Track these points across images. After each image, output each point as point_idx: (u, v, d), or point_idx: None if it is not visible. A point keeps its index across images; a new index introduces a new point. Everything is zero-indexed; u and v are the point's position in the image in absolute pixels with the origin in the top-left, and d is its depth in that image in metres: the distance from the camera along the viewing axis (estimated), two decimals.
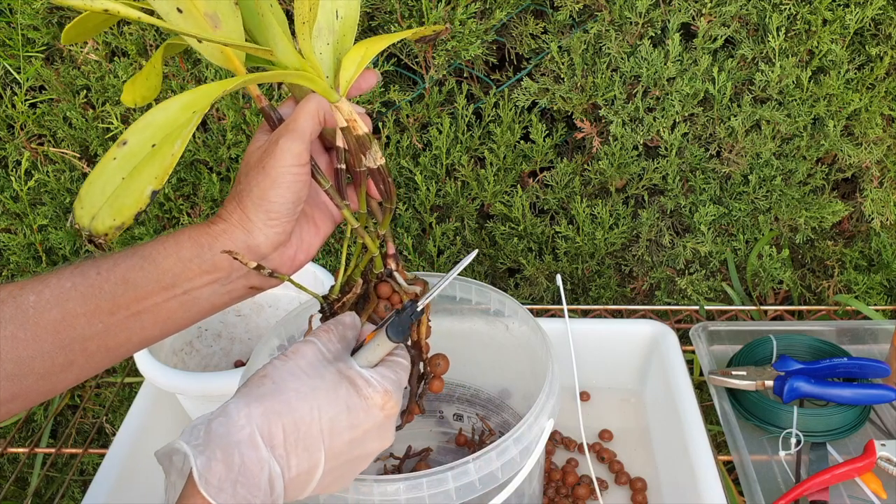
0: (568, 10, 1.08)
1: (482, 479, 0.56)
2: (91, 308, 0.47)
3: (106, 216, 0.43)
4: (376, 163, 0.53)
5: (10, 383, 0.46)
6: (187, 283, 0.50)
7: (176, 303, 0.50)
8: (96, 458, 1.23)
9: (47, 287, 0.47)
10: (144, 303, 0.49)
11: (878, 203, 1.15)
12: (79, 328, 0.47)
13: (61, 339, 0.47)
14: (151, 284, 0.48)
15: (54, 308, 0.46)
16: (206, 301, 0.51)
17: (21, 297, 0.46)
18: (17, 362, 0.46)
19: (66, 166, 1.21)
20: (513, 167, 1.19)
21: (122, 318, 0.48)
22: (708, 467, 0.76)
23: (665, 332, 0.95)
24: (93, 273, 0.48)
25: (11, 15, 1.11)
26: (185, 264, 0.49)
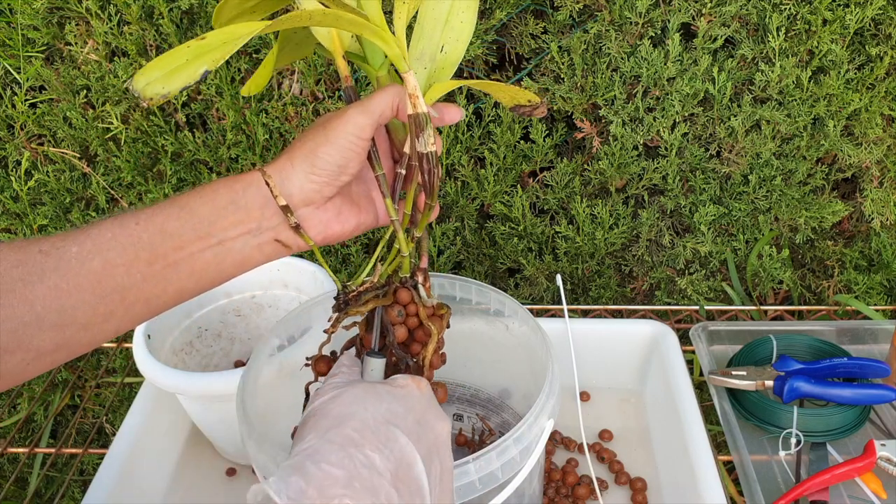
0: (568, 10, 1.08)
1: (482, 479, 0.56)
2: (130, 258, 0.48)
3: (157, 84, 0.47)
4: (427, 148, 0.53)
5: (53, 333, 0.47)
6: (221, 232, 0.51)
7: (210, 253, 0.51)
8: (96, 458, 1.24)
9: (88, 238, 0.48)
10: (181, 252, 0.50)
11: (878, 203, 1.15)
12: (118, 278, 0.48)
13: (102, 289, 0.48)
14: (188, 233, 0.50)
15: (95, 258, 0.47)
16: (238, 253, 0.52)
17: (63, 247, 0.47)
18: (60, 312, 0.47)
19: (66, 166, 1.21)
20: (513, 167, 1.19)
21: (159, 269, 0.49)
22: (708, 467, 0.76)
23: (665, 332, 0.95)
24: (132, 223, 0.49)
25: (11, 15, 1.11)
26: (220, 211, 0.50)
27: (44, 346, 0.47)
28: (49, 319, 0.46)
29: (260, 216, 0.51)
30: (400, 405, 0.48)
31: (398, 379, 0.51)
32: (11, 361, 0.46)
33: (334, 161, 0.51)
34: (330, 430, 0.45)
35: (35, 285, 0.46)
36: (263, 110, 1.15)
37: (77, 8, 1.09)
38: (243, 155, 1.18)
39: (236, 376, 0.69)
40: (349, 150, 0.51)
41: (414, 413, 0.49)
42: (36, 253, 0.47)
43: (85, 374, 1.31)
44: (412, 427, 0.48)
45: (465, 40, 0.58)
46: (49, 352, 0.47)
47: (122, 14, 1.10)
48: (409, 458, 0.46)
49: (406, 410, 0.48)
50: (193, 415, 0.86)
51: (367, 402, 0.47)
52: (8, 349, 0.45)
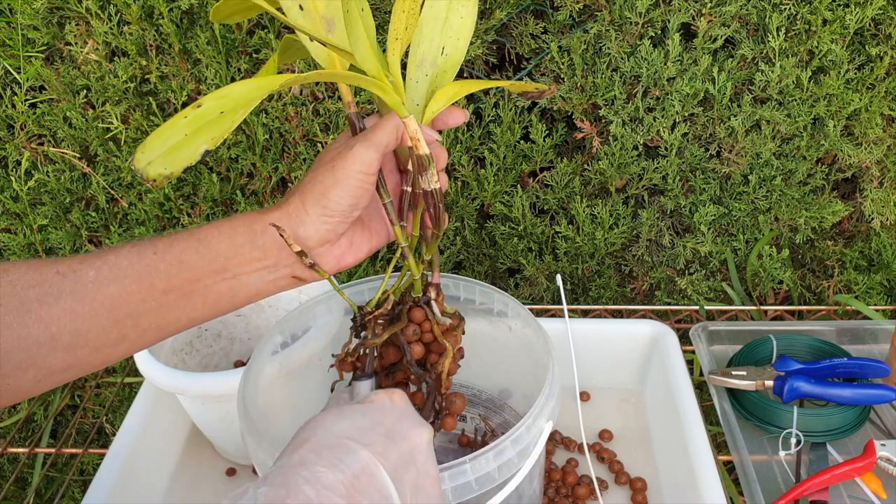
0: (568, 10, 1.08)
1: (478, 480, 0.56)
2: (146, 286, 0.49)
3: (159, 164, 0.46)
4: (430, 186, 0.55)
5: (65, 354, 0.48)
6: (237, 267, 0.52)
7: (225, 286, 0.52)
8: (96, 458, 1.24)
9: (106, 263, 0.49)
10: (196, 284, 0.51)
11: (878, 203, 1.15)
12: (133, 305, 0.49)
13: (116, 315, 0.49)
14: (204, 266, 0.51)
15: (112, 284, 0.49)
16: (253, 287, 0.53)
17: (81, 271, 0.48)
18: (74, 334, 0.48)
19: (66, 166, 1.21)
20: (513, 167, 1.19)
21: (174, 298, 0.50)
22: (708, 467, 0.76)
23: (665, 332, 0.95)
24: (149, 252, 0.50)
25: (11, 15, 1.11)
26: (238, 249, 0.52)
27: (55, 365, 0.48)
28: (63, 340, 0.47)
29: (277, 255, 0.53)
30: (366, 419, 0.49)
31: (371, 395, 0.52)
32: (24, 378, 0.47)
33: (346, 202, 0.52)
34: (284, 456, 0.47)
35: (51, 306, 0.47)
36: (263, 110, 1.15)
37: (77, 8, 1.09)
38: (243, 155, 1.18)
39: (236, 376, 0.69)
40: (359, 189, 0.52)
41: (383, 425, 0.49)
42: (53, 274, 0.48)
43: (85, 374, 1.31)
44: (378, 439, 0.48)
45: (466, 38, 0.57)
46: (59, 371, 0.48)
47: (122, 14, 1.10)
48: (370, 469, 0.46)
49: (373, 424, 0.49)
50: (193, 415, 0.86)
51: (328, 423, 0.49)
52: (22, 367, 0.47)
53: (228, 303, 0.53)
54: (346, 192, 0.52)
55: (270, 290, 0.54)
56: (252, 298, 0.54)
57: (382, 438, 0.48)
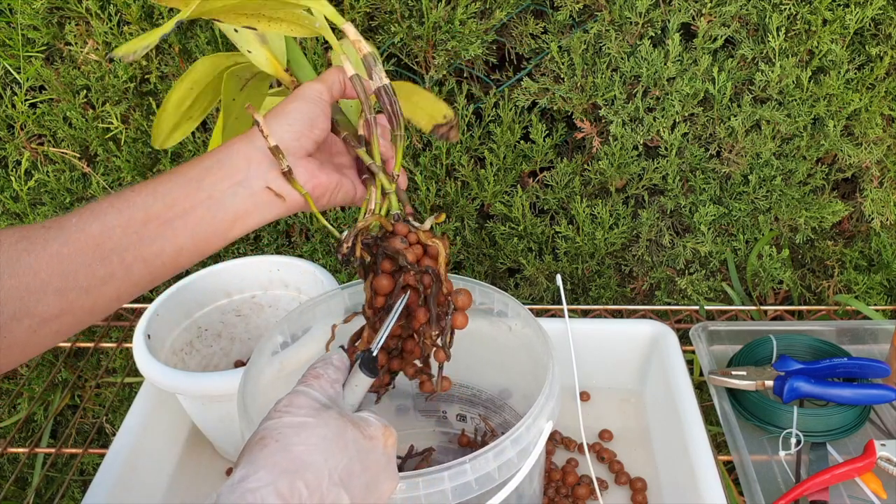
0: (568, 10, 1.08)
1: (479, 480, 0.56)
2: (125, 219, 0.51)
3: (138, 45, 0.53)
4: (382, 81, 0.58)
5: (57, 298, 0.49)
6: (210, 187, 0.54)
7: (203, 208, 0.53)
8: (96, 458, 1.24)
9: (87, 208, 0.52)
10: (173, 210, 0.53)
11: (878, 203, 1.15)
12: (115, 239, 0.51)
13: (100, 251, 0.50)
14: (178, 191, 0.53)
15: (93, 223, 0.51)
16: (231, 205, 0.54)
17: (64, 220, 0.51)
18: (63, 276, 0.49)
19: (66, 166, 1.21)
20: (513, 167, 1.19)
21: (154, 227, 0.52)
22: (708, 467, 0.76)
23: (665, 332, 0.95)
24: (127, 192, 0.53)
25: (11, 15, 1.11)
26: (207, 171, 0.54)
27: (48, 311, 0.49)
28: (53, 285, 0.49)
29: (246, 167, 0.55)
30: (359, 463, 0.47)
31: (371, 425, 0.50)
32: (19, 329, 0.48)
33: (305, 113, 0.56)
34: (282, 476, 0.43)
35: (38, 254, 0.49)
36: None
37: (77, 8, 1.09)
38: None
39: (236, 376, 0.69)
40: (315, 106, 0.57)
41: (368, 473, 0.48)
42: (39, 228, 0.50)
43: (85, 374, 1.31)
44: (359, 491, 0.47)
45: None
46: (54, 317, 0.50)
47: (122, 14, 1.10)
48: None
49: (362, 469, 0.48)
50: (193, 415, 0.86)
51: (331, 452, 0.46)
52: (16, 316, 0.48)
53: (210, 225, 0.54)
54: (304, 103, 0.56)
55: (250, 209, 0.55)
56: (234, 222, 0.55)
57: (363, 489, 0.47)
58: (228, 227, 0.55)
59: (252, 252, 1.26)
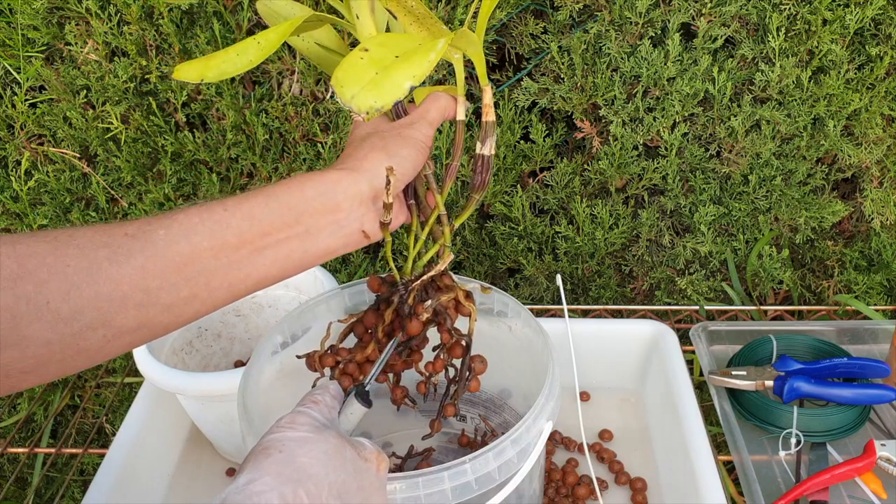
0: (568, 10, 1.08)
1: (479, 480, 0.56)
2: (217, 242, 0.49)
3: (367, 97, 0.49)
4: (490, 151, 0.59)
5: (137, 312, 0.47)
6: (309, 220, 0.52)
7: (297, 241, 0.52)
8: (96, 458, 1.24)
9: (175, 222, 0.49)
10: (268, 239, 0.51)
11: (878, 203, 1.15)
12: (204, 261, 0.49)
13: (187, 272, 0.48)
14: (276, 220, 0.51)
15: (182, 241, 0.48)
16: (324, 242, 0.53)
17: (150, 231, 0.48)
18: (146, 292, 0.47)
19: (66, 166, 1.21)
20: (513, 167, 1.19)
21: (246, 254, 0.50)
22: (708, 467, 0.76)
23: (665, 332, 0.95)
24: (219, 209, 0.50)
25: (11, 15, 1.11)
26: (308, 202, 0.52)
27: (127, 324, 0.47)
28: (134, 299, 0.47)
29: (348, 207, 0.53)
30: (355, 481, 0.49)
31: (367, 448, 0.52)
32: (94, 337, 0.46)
33: (412, 162, 0.56)
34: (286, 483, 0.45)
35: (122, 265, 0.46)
36: (263, 110, 1.15)
37: (77, 8, 1.09)
38: (243, 155, 1.18)
39: (236, 376, 0.69)
40: (421, 155, 0.56)
41: (363, 493, 0.50)
42: (122, 236, 0.47)
43: (85, 374, 1.31)
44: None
45: None
46: (130, 330, 0.48)
47: (122, 14, 1.10)
48: None
49: (357, 488, 0.49)
50: (193, 415, 0.86)
51: (332, 466, 0.48)
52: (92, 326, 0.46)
53: (299, 260, 0.53)
54: (413, 151, 0.55)
55: (339, 247, 0.54)
56: (322, 257, 0.54)
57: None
58: (315, 261, 0.54)
59: None
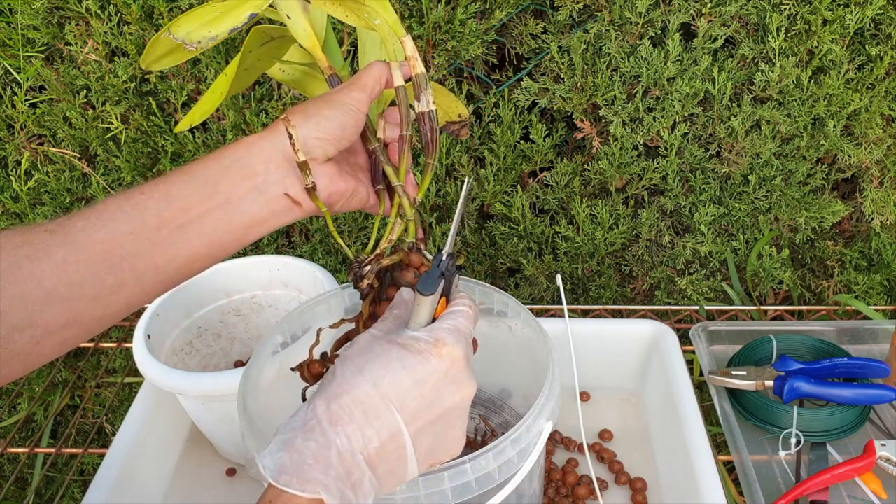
0: (568, 10, 1.08)
1: (479, 480, 0.56)
2: (137, 225, 0.48)
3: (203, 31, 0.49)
4: (428, 106, 0.56)
5: (63, 307, 0.47)
6: (227, 189, 0.51)
7: (219, 212, 0.51)
8: (96, 458, 1.24)
9: (94, 212, 0.48)
10: (188, 214, 0.50)
11: (878, 203, 1.15)
12: (126, 246, 0.48)
13: (110, 260, 0.47)
14: (193, 195, 0.50)
15: (102, 229, 0.48)
16: (247, 212, 0.52)
17: (69, 224, 0.48)
18: (69, 286, 0.46)
19: (66, 166, 1.21)
20: (513, 167, 1.19)
21: (167, 233, 0.49)
22: (708, 467, 0.76)
23: (665, 332, 0.95)
24: (137, 193, 0.49)
25: (11, 15, 1.11)
26: (225, 171, 0.51)
27: (54, 321, 0.47)
28: (58, 293, 0.46)
29: (265, 170, 0.52)
30: (407, 376, 0.47)
31: (419, 341, 0.49)
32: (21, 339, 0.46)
33: (339, 122, 0.53)
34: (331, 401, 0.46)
35: (42, 261, 0.46)
36: (263, 110, 1.15)
37: (77, 8, 1.09)
38: None
39: (236, 376, 0.69)
40: (350, 116, 0.54)
41: (423, 387, 0.48)
42: (42, 232, 0.47)
43: (85, 374, 1.31)
44: (413, 402, 0.47)
45: None
46: (59, 328, 0.47)
47: (122, 14, 1.10)
48: (397, 437, 0.47)
49: (413, 384, 0.47)
50: (193, 415, 0.86)
51: (374, 371, 0.47)
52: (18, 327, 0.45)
53: (226, 232, 0.51)
54: (340, 113, 0.53)
55: (266, 215, 0.53)
56: (249, 228, 0.52)
57: (418, 402, 0.47)
58: (244, 233, 0.52)
59: (252, 252, 1.26)
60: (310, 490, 0.43)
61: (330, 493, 0.43)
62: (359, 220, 1.23)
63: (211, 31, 0.48)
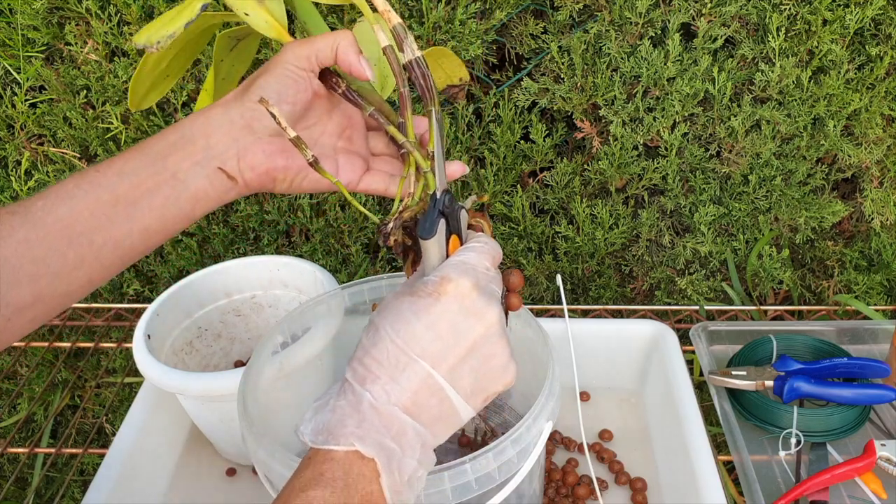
0: (568, 10, 1.08)
1: (478, 480, 0.56)
2: (92, 201, 0.50)
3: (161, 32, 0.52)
4: (414, 53, 0.54)
5: (29, 286, 0.49)
6: (174, 165, 0.52)
7: (167, 187, 0.52)
8: (96, 458, 1.24)
9: (52, 191, 0.50)
10: (139, 189, 0.51)
11: (878, 203, 1.15)
12: (84, 222, 0.50)
13: (69, 234, 0.49)
14: (143, 171, 0.52)
15: (60, 206, 0.50)
16: (192, 186, 0.52)
17: (29, 203, 0.50)
18: (34, 262, 0.48)
19: (66, 166, 1.21)
20: (513, 167, 1.19)
21: (121, 208, 0.51)
22: (708, 467, 0.76)
23: (665, 332, 0.95)
24: (92, 172, 0.51)
25: (11, 15, 1.11)
26: (171, 147, 0.52)
27: (22, 299, 0.48)
28: (24, 271, 0.48)
29: (205, 145, 0.53)
30: (419, 321, 0.48)
31: (427, 284, 0.49)
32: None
33: (271, 88, 0.52)
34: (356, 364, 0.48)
35: (6, 240, 0.48)
36: None
37: (77, 8, 1.09)
38: None
39: (236, 376, 0.69)
40: (287, 78, 0.53)
41: (437, 328, 0.48)
42: (4, 214, 0.49)
43: (85, 374, 1.31)
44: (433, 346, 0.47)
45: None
46: (27, 305, 0.49)
47: (122, 14, 1.10)
48: (427, 382, 0.47)
49: (425, 327, 0.48)
50: (193, 415, 0.86)
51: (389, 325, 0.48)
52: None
53: (175, 208, 0.52)
54: (273, 77, 0.53)
55: (208, 190, 0.53)
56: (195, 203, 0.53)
57: (438, 343, 0.48)
58: (192, 208, 0.53)
59: (252, 252, 1.26)
60: (343, 443, 0.44)
61: (364, 442, 0.44)
62: (359, 221, 1.23)
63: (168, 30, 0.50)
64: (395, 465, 0.45)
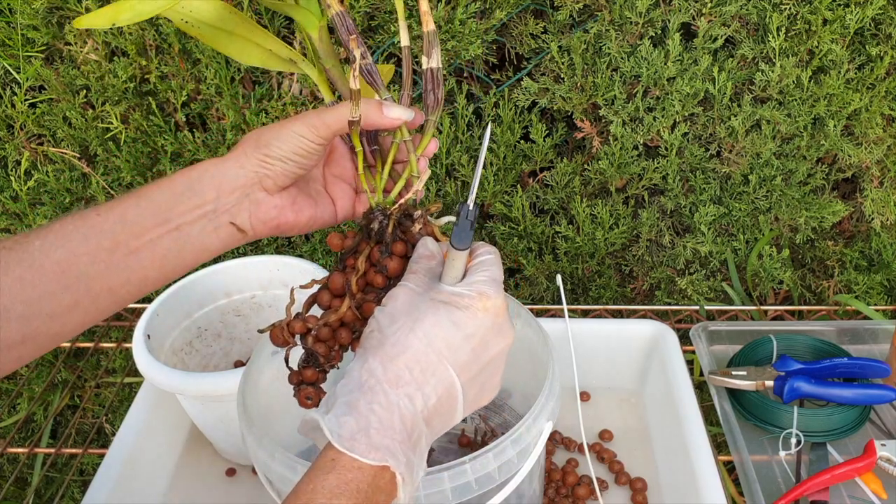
0: (568, 10, 1.08)
1: (479, 480, 0.56)
2: (92, 246, 0.50)
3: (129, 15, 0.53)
4: (437, 63, 0.57)
5: (19, 325, 0.48)
6: (179, 217, 0.52)
7: (169, 239, 0.52)
8: (96, 458, 1.24)
9: (51, 231, 0.50)
10: (141, 239, 0.51)
11: (878, 203, 1.15)
12: (82, 266, 0.49)
13: (66, 279, 0.49)
14: (147, 220, 0.51)
15: (58, 249, 0.49)
16: (197, 239, 0.53)
17: (27, 241, 0.49)
18: (26, 303, 0.48)
19: (65, 166, 1.21)
20: (513, 167, 1.19)
21: (121, 256, 0.50)
22: (708, 467, 0.76)
23: (665, 332, 0.95)
24: (93, 215, 0.51)
25: (11, 15, 1.11)
26: (177, 198, 0.52)
27: (10, 337, 0.48)
28: (15, 311, 0.47)
29: (215, 199, 0.53)
30: (458, 332, 0.48)
31: (464, 296, 0.49)
32: None
33: (284, 153, 0.54)
34: (388, 362, 0.47)
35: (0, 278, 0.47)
36: (263, 110, 1.15)
37: (77, 8, 1.09)
38: None
39: (236, 376, 0.69)
40: (299, 147, 0.54)
41: (472, 341, 0.49)
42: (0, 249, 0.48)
43: (85, 374, 1.31)
44: (465, 356, 0.48)
45: None
46: (16, 344, 0.48)
47: None
48: (451, 391, 0.48)
49: (463, 339, 0.48)
50: (193, 415, 0.86)
51: (426, 329, 0.48)
52: None
53: (176, 258, 0.52)
54: (286, 143, 0.53)
55: (214, 243, 0.54)
56: (198, 255, 0.53)
57: (468, 355, 0.48)
58: (195, 259, 0.54)
59: (252, 252, 1.26)
60: (377, 458, 0.44)
61: (397, 459, 0.44)
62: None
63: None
64: (411, 478, 0.46)
